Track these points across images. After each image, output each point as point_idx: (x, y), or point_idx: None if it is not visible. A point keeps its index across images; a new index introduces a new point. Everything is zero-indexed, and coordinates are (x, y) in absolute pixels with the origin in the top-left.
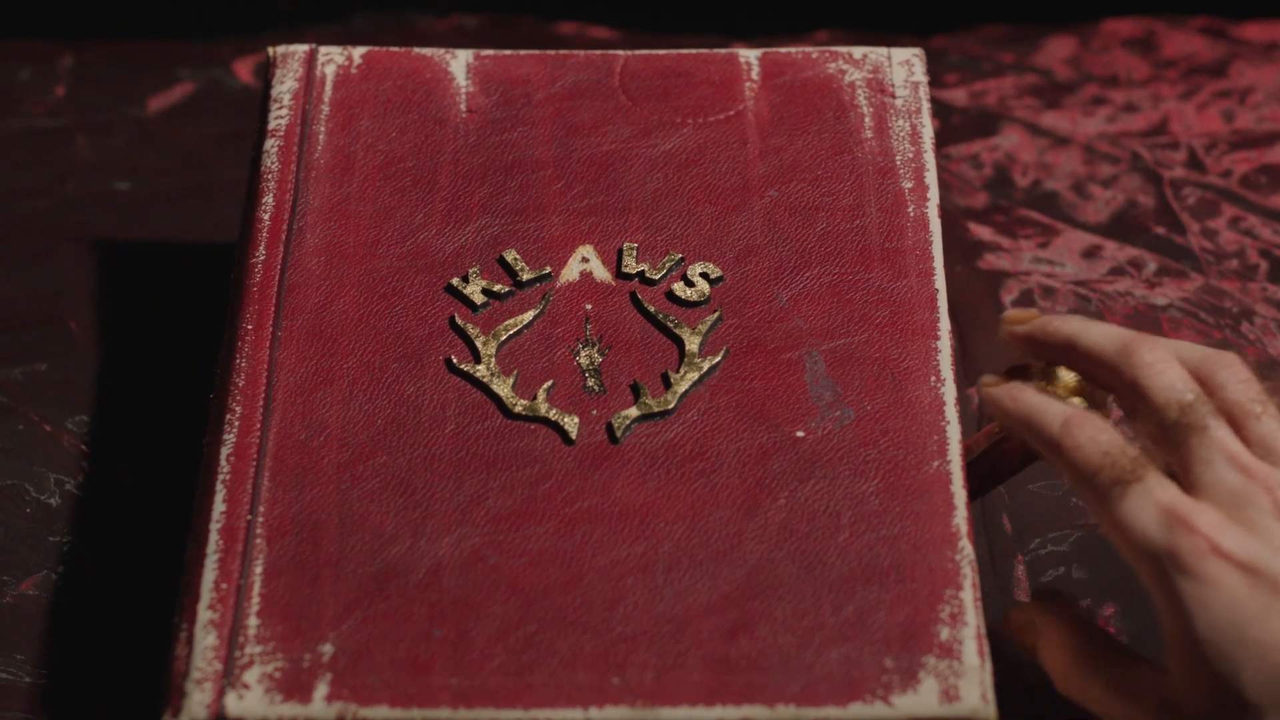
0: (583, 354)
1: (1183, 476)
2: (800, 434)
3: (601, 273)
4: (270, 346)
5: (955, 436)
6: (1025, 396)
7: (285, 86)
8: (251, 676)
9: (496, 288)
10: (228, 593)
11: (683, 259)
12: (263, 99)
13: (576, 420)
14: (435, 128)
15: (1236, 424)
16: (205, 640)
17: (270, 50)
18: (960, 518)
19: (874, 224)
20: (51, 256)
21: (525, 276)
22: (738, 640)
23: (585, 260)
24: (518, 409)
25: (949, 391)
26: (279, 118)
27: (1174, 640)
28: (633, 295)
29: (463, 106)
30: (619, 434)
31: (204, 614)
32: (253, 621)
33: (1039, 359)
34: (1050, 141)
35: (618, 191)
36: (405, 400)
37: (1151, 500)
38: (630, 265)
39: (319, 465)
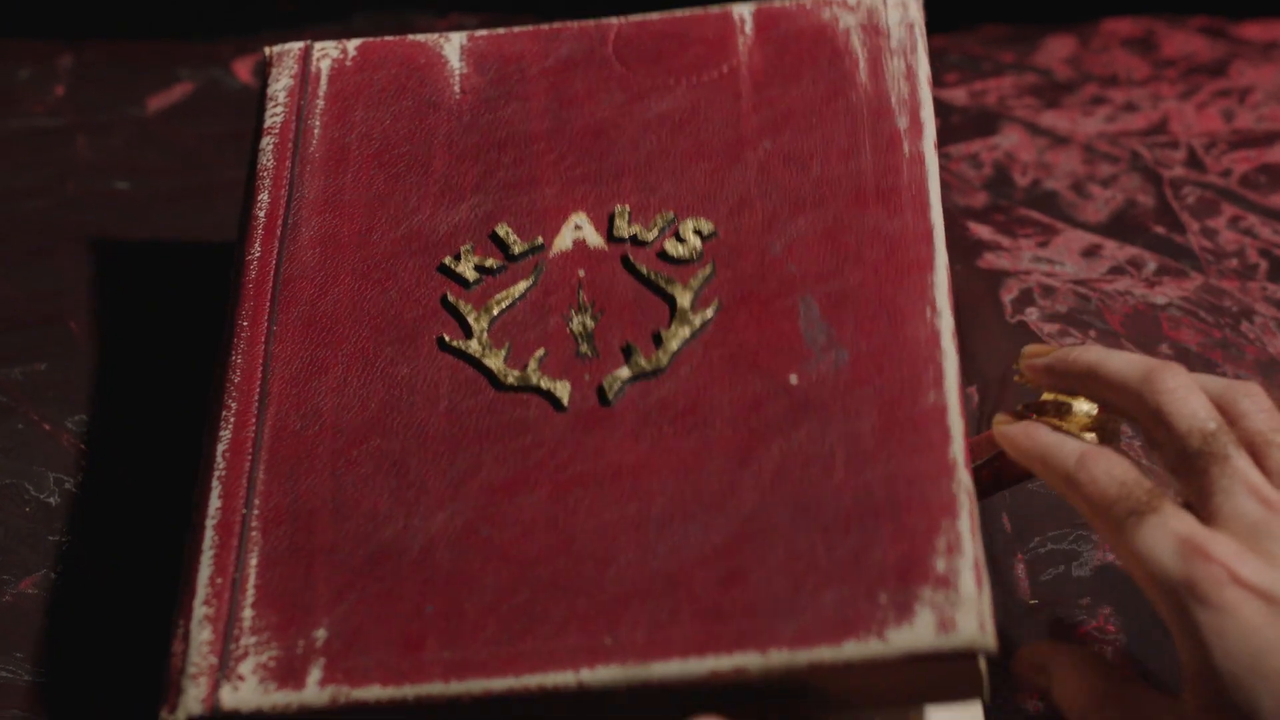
0: (575, 320)
1: (1201, 506)
2: (794, 379)
3: (594, 238)
4: (266, 341)
5: (951, 368)
6: (1039, 435)
7: (281, 84)
8: (246, 668)
9: (489, 263)
10: (223, 587)
11: (675, 217)
12: (260, 98)
13: (568, 386)
14: (429, 111)
15: (1257, 454)
16: (201, 635)
17: (267, 50)
18: (957, 448)
19: (869, 165)
20: (51, 256)
21: (517, 250)
22: (730, 590)
23: (578, 227)
24: (509, 380)
25: (945, 323)
26: (274, 115)
27: (1191, 671)
28: (624, 258)
29: (457, 89)
30: (610, 396)
31: (199, 609)
32: (247, 613)
33: (1059, 390)
34: (1050, 141)
35: (611, 157)
36: (399, 382)
37: (1168, 530)
38: (622, 229)
39: (313, 454)
